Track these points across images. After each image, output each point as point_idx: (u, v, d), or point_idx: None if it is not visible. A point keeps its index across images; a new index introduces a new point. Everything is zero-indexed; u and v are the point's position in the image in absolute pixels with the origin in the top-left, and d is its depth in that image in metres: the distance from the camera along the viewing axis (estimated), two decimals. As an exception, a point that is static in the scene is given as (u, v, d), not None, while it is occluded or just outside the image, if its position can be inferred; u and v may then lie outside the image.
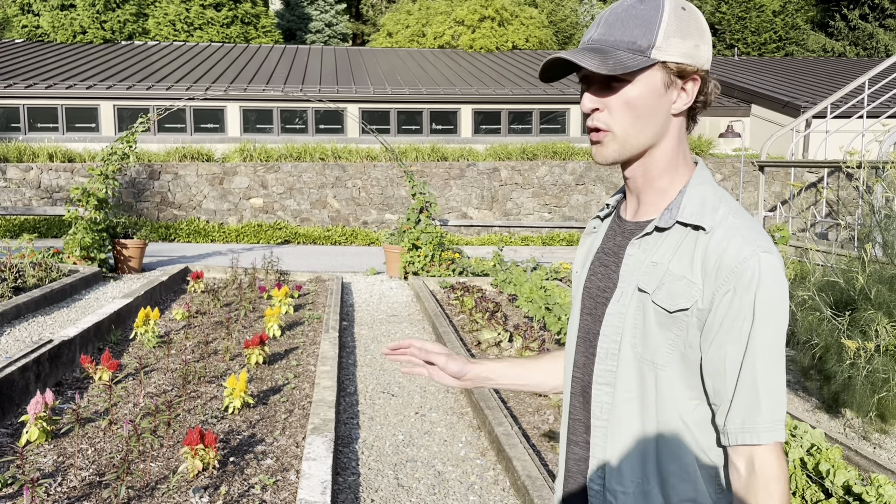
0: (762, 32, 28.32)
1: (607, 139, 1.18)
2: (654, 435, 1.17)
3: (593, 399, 1.23)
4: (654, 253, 1.18)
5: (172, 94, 16.10)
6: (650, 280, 1.17)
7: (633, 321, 1.18)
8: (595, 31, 1.17)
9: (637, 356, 1.17)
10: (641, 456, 1.18)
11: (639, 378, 1.17)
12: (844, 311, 4.68)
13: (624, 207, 1.31)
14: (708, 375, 1.14)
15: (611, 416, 1.20)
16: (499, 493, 3.52)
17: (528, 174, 15.94)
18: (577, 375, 1.30)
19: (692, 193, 1.19)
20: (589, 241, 1.37)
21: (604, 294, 1.25)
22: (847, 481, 3.14)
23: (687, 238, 1.16)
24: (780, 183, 16.00)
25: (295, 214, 15.40)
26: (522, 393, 4.89)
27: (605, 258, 1.28)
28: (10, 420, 4.01)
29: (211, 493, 3.19)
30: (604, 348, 1.21)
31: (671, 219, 1.17)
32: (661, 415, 1.16)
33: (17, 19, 22.74)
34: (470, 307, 7.04)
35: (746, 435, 1.10)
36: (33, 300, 6.65)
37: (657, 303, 1.15)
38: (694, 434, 1.16)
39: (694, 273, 1.13)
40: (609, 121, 1.17)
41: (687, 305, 1.12)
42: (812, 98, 17.19)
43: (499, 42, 24.82)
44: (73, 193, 9.06)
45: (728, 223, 1.14)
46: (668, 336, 1.15)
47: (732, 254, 1.10)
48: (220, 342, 5.77)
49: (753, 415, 1.10)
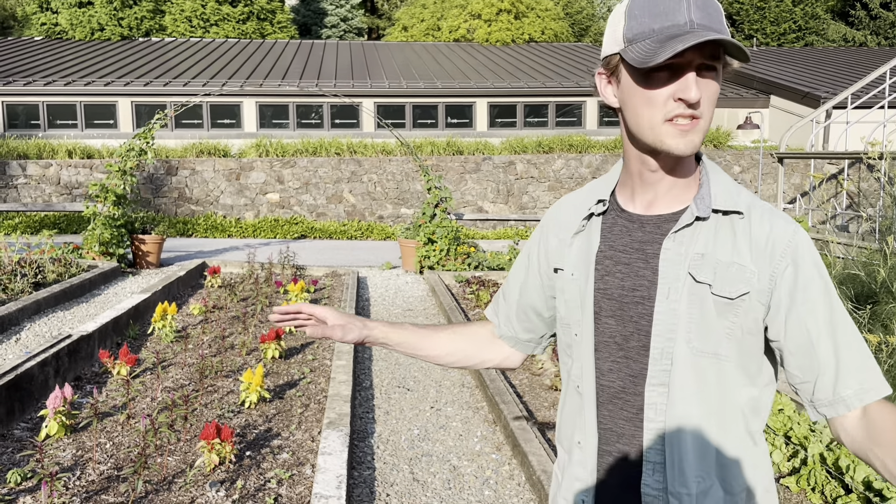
0: (781, 22, 27.98)
1: (699, 128, 1.13)
2: (715, 430, 1.15)
3: (647, 401, 1.17)
4: (693, 244, 1.16)
5: (189, 91, 16.19)
6: (705, 271, 1.14)
7: (687, 316, 1.15)
8: (696, 14, 1.08)
9: (694, 351, 1.15)
10: (702, 453, 1.15)
11: (696, 374, 1.15)
12: (865, 304, 4.62)
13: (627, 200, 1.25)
14: (793, 355, 1.13)
15: (667, 417, 1.16)
16: (514, 487, 3.51)
17: (544, 167, 15.88)
18: (603, 383, 1.23)
19: (715, 181, 1.19)
20: (581, 240, 1.28)
21: (633, 293, 1.19)
22: (867, 477, 3.10)
23: (720, 225, 1.16)
24: (799, 175, 15.82)
25: (311, 209, 15.45)
26: (538, 387, 4.87)
27: (622, 256, 1.22)
28: (29, 414, 4.06)
29: (227, 487, 3.21)
30: (657, 348, 1.16)
31: (707, 207, 1.16)
32: (720, 408, 1.15)
33: (36, 17, 22.96)
34: (486, 301, 7.03)
35: (870, 393, 1.10)
36: (53, 295, 6.72)
37: (717, 293, 1.13)
38: (747, 420, 1.17)
39: (742, 257, 1.13)
40: (703, 109, 1.12)
41: (747, 289, 1.12)
42: (832, 88, 16.96)
43: (514, 35, 24.71)
44: (91, 189, 9.14)
45: (757, 204, 1.17)
46: (725, 325, 1.13)
47: (779, 231, 1.13)
48: (237, 337, 5.80)
49: (867, 372, 1.11)
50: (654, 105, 1.12)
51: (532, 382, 4.98)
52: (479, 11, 25.02)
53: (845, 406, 1.10)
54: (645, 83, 1.12)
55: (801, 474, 3.32)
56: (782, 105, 17.74)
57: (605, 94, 1.22)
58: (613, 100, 1.21)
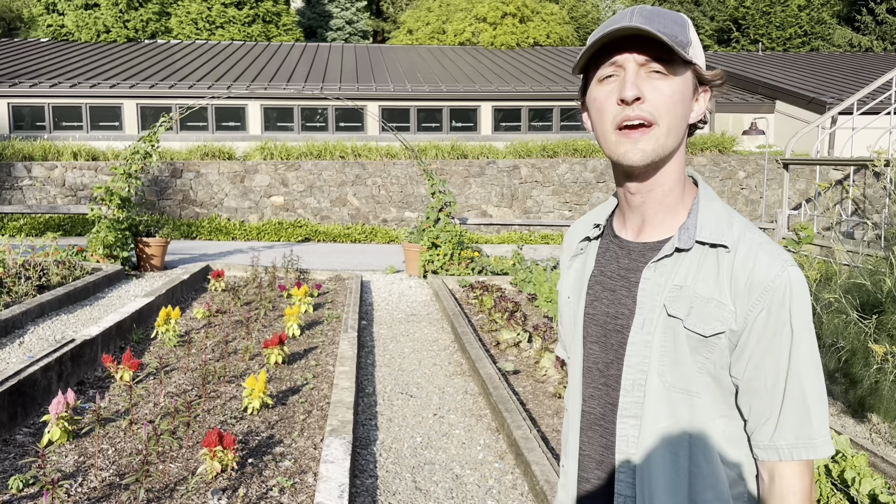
0: (787, 27, 27.93)
1: (650, 134, 1.08)
2: (687, 464, 1.12)
3: (618, 433, 1.16)
4: (674, 276, 1.12)
5: (194, 93, 16.22)
6: (679, 305, 1.11)
7: (660, 349, 1.12)
8: (633, 19, 1.08)
9: (666, 385, 1.12)
10: (674, 488, 1.12)
11: (668, 407, 1.12)
12: (871, 313, 4.59)
13: (620, 225, 1.23)
14: (745, 394, 1.11)
15: (639, 450, 1.14)
16: (517, 497, 3.49)
17: (549, 172, 15.86)
18: (585, 409, 1.23)
19: (705, 211, 1.14)
20: (578, 264, 1.28)
21: (616, 321, 1.18)
22: (873, 490, 3.07)
23: (706, 257, 1.11)
24: (804, 181, 15.78)
25: (315, 212, 15.46)
26: (541, 395, 4.85)
27: (608, 282, 1.20)
28: (32, 419, 4.05)
29: (229, 495, 3.19)
30: (629, 380, 1.15)
31: (690, 239, 1.12)
32: (693, 442, 1.12)
33: (43, 18, 23.04)
34: (489, 307, 7.01)
35: (802, 450, 1.08)
36: (57, 298, 6.73)
37: (690, 328, 1.09)
38: (724, 454, 1.13)
39: (723, 294, 1.09)
40: (655, 114, 1.08)
41: (722, 329, 1.08)
42: (838, 94, 16.92)
43: (519, 38, 24.72)
44: (96, 192, 9.16)
45: (747, 239, 1.10)
46: (698, 361, 1.10)
47: (762, 271, 1.07)
48: (240, 341, 5.80)
49: (806, 428, 1.08)
50: (603, 113, 1.12)
51: (536, 390, 4.96)
52: (484, 15, 25.04)
53: (777, 454, 1.09)
54: (596, 94, 1.13)
55: (806, 486, 3.30)
56: (788, 110, 17.70)
57: (585, 123, 1.23)
58: (588, 124, 1.21)
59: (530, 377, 5.23)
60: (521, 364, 5.53)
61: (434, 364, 5.71)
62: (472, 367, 5.29)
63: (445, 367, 5.64)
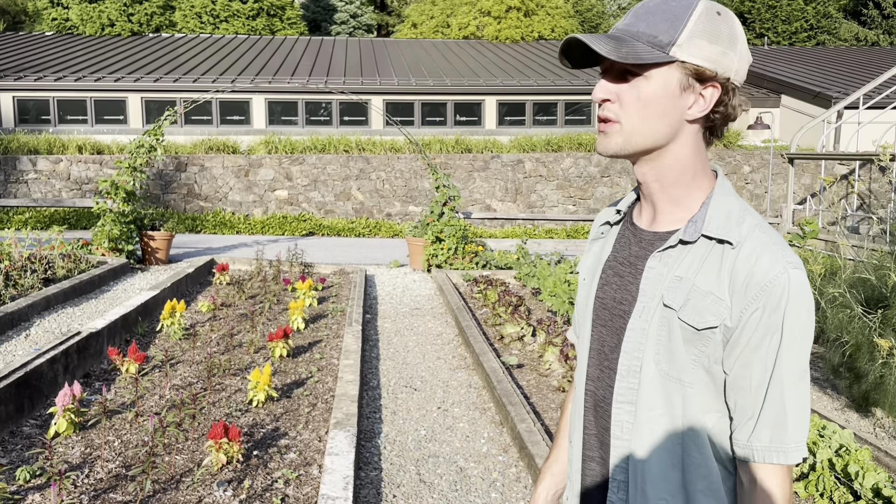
0: (793, 21, 27.82)
1: (613, 130, 1.15)
2: (681, 453, 1.13)
3: (613, 418, 1.18)
4: (677, 266, 1.14)
5: (199, 87, 16.23)
6: (676, 296, 1.12)
7: (656, 337, 1.13)
8: (622, 22, 1.14)
9: (662, 373, 1.13)
10: (666, 475, 1.14)
11: (664, 395, 1.13)
12: (876, 308, 4.59)
13: (638, 213, 1.26)
14: (731, 390, 1.12)
15: (633, 436, 1.16)
16: (521, 490, 3.51)
17: (553, 166, 15.84)
18: (590, 389, 1.25)
19: (717, 205, 1.14)
20: (597, 248, 1.31)
21: (621, 306, 1.20)
22: (877, 484, 3.08)
23: (712, 252, 1.12)
24: (810, 175, 15.73)
25: (319, 206, 15.47)
26: (545, 388, 4.86)
27: (619, 268, 1.23)
28: (38, 411, 4.08)
29: (235, 486, 3.21)
30: (625, 365, 1.17)
31: (696, 232, 1.13)
32: (687, 432, 1.13)
33: (47, 12, 23.07)
34: (493, 301, 7.02)
35: (774, 454, 1.09)
36: (62, 291, 6.75)
37: (684, 320, 1.10)
38: (717, 447, 1.14)
39: (721, 289, 1.09)
40: (619, 113, 1.14)
41: (716, 323, 1.09)
42: (844, 88, 16.86)
43: (524, 32, 24.67)
44: (101, 186, 9.18)
45: (755, 237, 1.10)
46: (692, 352, 1.11)
47: (762, 270, 1.07)
48: (245, 335, 5.82)
49: (781, 433, 1.08)
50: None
51: (539, 383, 4.97)
52: (488, 9, 24.98)
53: (752, 455, 1.10)
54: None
55: (810, 480, 3.31)
56: (793, 105, 17.65)
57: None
58: None
59: (534, 371, 5.24)
60: (524, 358, 5.54)
61: (438, 358, 5.72)
62: (476, 361, 5.30)
63: (449, 360, 5.65)
